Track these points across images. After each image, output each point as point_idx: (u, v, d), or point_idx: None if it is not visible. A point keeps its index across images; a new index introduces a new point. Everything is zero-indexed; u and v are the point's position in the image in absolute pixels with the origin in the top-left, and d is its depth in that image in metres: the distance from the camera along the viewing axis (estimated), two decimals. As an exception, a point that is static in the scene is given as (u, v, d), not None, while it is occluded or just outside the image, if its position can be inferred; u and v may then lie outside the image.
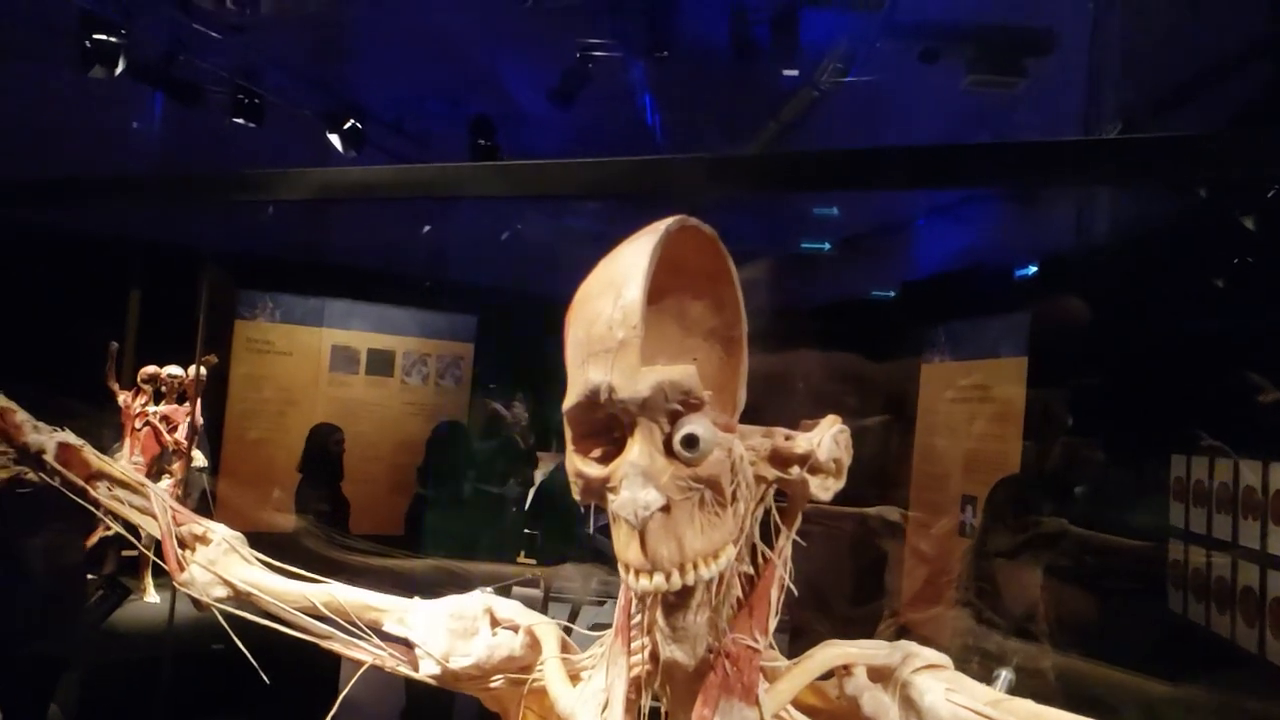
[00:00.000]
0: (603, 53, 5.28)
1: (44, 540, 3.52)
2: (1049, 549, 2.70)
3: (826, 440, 1.06)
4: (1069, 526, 2.74)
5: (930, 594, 3.00)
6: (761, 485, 1.06)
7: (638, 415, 0.94)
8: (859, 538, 2.69)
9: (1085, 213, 4.24)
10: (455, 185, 2.08)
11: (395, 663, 1.28)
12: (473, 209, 5.94)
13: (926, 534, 3.24)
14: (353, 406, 6.68)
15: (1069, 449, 3.26)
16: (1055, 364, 3.65)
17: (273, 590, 1.35)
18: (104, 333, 5.18)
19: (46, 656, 3.71)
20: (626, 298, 0.93)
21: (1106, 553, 2.66)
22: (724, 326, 1.12)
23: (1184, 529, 2.98)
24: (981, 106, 4.49)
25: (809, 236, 6.25)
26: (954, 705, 0.99)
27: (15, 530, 3.67)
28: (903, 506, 3.35)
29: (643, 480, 0.93)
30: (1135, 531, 2.93)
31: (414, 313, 6.98)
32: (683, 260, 1.08)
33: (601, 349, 0.94)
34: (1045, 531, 2.73)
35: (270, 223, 6.06)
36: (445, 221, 6.27)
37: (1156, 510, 3.03)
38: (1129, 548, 2.68)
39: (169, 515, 1.44)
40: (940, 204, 5.88)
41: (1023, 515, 2.86)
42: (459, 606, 1.27)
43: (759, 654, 1.04)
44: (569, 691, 1.12)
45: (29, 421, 1.58)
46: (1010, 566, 2.77)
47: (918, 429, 4.74)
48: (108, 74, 3.99)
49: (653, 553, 0.93)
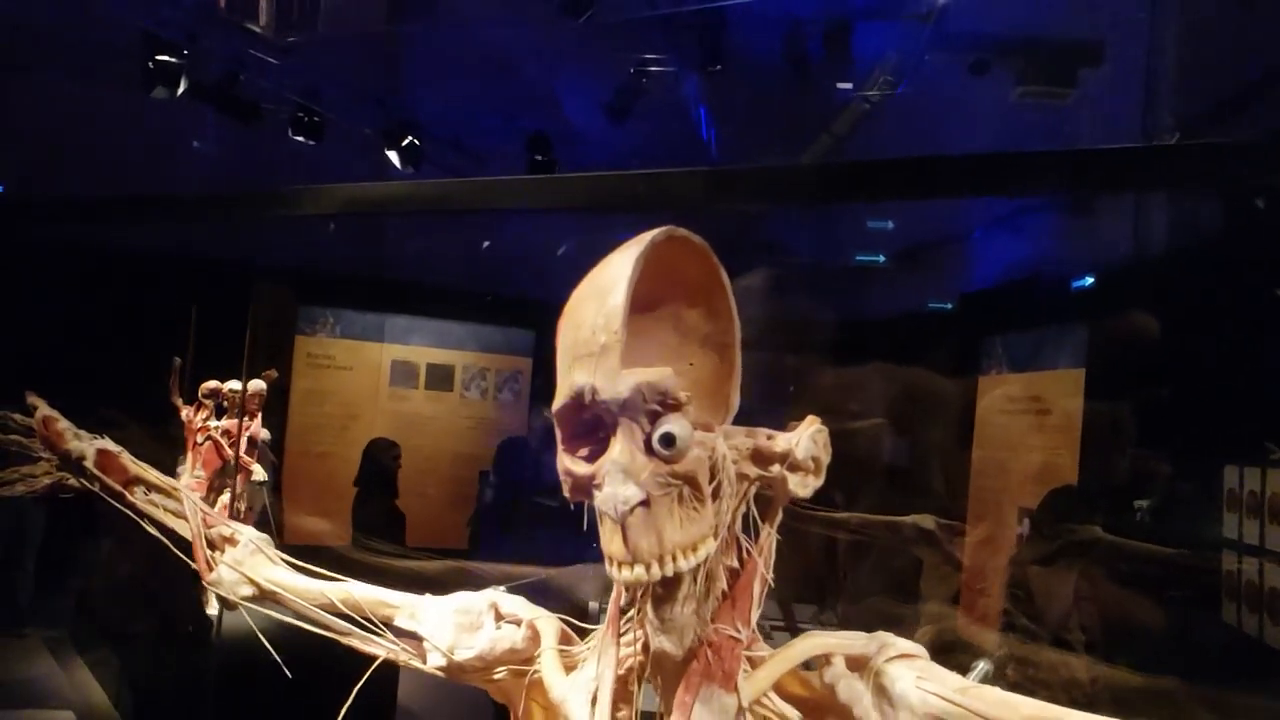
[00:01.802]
0: (657, 68, 5.32)
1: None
2: (1082, 556, 2.64)
3: (804, 440, 1.10)
4: (1101, 534, 2.68)
5: (968, 601, 2.96)
6: (744, 483, 1.10)
7: (619, 415, 0.99)
8: (894, 546, 2.67)
9: (1141, 223, 4.15)
10: (500, 198, 2.12)
11: (407, 657, 1.34)
12: (530, 223, 6.02)
13: (972, 544, 3.20)
14: (412, 421, 6.79)
15: (1136, 462, 3.19)
16: (1114, 376, 3.58)
17: (295, 589, 1.41)
18: (166, 349, 5.35)
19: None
20: (610, 304, 0.98)
21: (1141, 560, 2.59)
22: (718, 334, 1.17)
23: (1237, 540, 2.90)
24: (1033, 118, 4.42)
25: (864, 250, 6.21)
26: (923, 692, 1.02)
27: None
28: (960, 519, 3.30)
29: (623, 477, 0.98)
30: (1189, 543, 2.85)
31: (473, 327, 7.08)
32: (677, 270, 1.14)
33: (586, 353, 0.99)
34: (1078, 539, 2.68)
35: (330, 239, 6.22)
36: (503, 236, 6.36)
37: (1210, 521, 2.95)
38: (1164, 555, 2.60)
39: (199, 518, 1.49)
40: (997, 215, 5.79)
41: (1060, 523, 2.81)
42: (466, 602, 1.33)
43: (740, 643, 1.09)
44: (562, 680, 1.17)
45: (70, 429, 1.65)
46: (1044, 574, 2.72)
47: (975, 442, 4.67)
48: (170, 94, 4.14)
49: (634, 545, 0.98)
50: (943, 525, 2.73)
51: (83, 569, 6.00)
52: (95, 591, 5.82)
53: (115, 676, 5.15)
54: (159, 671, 4.78)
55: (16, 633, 5.62)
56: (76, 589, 5.91)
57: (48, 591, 5.89)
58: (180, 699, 4.17)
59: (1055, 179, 2.55)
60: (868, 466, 3.19)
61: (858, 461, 3.12)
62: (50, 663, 5.46)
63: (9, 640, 5.55)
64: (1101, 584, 2.60)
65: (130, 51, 4.06)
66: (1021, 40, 4.19)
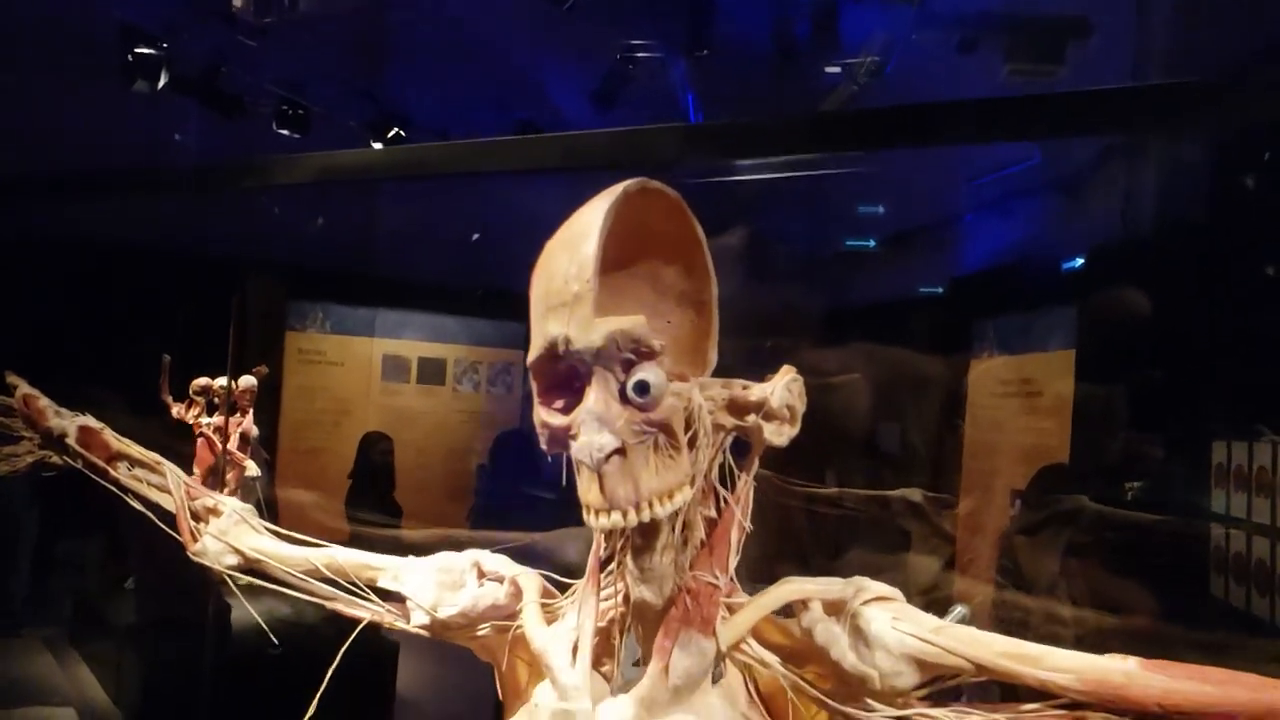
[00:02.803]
0: (644, 53, 5.30)
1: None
2: (1068, 525, 2.64)
3: (779, 389, 1.11)
4: (1087, 503, 2.68)
5: (959, 570, 2.97)
6: (720, 433, 1.11)
7: (593, 365, 1.00)
8: (882, 519, 2.68)
9: (1132, 204, 4.15)
10: (474, 161, 2.11)
11: (391, 618, 1.35)
12: (519, 216, 5.99)
13: (963, 520, 3.21)
14: (405, 415, 6.77)
15: (1128, 444, 3.20)
16: (1105, 356, 3.58)
17: (279, 556, 1.42)
18: (153, 344, 5.33)
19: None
20: (582, 253, 0.98)
21: (1127, 528, 2.59)
22: (694, 290, 1.18)
23: (1225, 513, 2.91)
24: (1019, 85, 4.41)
25: (854, 235, 6.19)
26: (899, 632, 1.04)
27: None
28: (952, 504, 3.31)
29: (598, 425, 0.98)
30: (1177, 516, 2.86)
31: (464, 321, 7.07)
32: (653, 227, 1.14)
33: (559, 302, 0.99)
34: (1064, 508, 2.68)
35: (319, 234, 6.20)
36: (493, 229, 6.34)
37: (1199, 498, 2.97)
38: (1151, 523, 2.61)
39: (183, 490, 1.49)
40: (987, 199, 5.79)
41: (1045, 494, 2.81)
42: (448, 561, 1.33)
43: (718, 590, 1.10)
44: (544, 631, 1.17)
45: (51, 407, 1.65)
46: (1030, 544, 2.73)
47: (967, 425, 4.68)
48: (150, 88, 4.10)
49: (610, 493, 0.99)
50: (930, 498, 2.74)
51: (79, 567, 6.00)
52: (94, 588, 5.82)
53: (114, 673, 5.15)
54: (158, 666, 4.77)
55: (13, 632, 5.61)
56: (73, 587, 5.91)
57: (43, 590, 5.88)
58: (179, 692, 4.16)
59: (1044, 125, 2.53)
60: (849, 430, 3.19)
61: (840, 425, 3.12)
62: (49, 660, 5.45)
63: (5, 640, 5.53)
64: (1088, 554, 2.61)
65: (109, 45, 4.02)
66: (1009, 17, 4.18)
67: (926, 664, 1.02)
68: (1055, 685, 0.96)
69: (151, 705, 4.69)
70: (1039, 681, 0.97)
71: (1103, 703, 0.95)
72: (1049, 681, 0.97)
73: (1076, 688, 0.95)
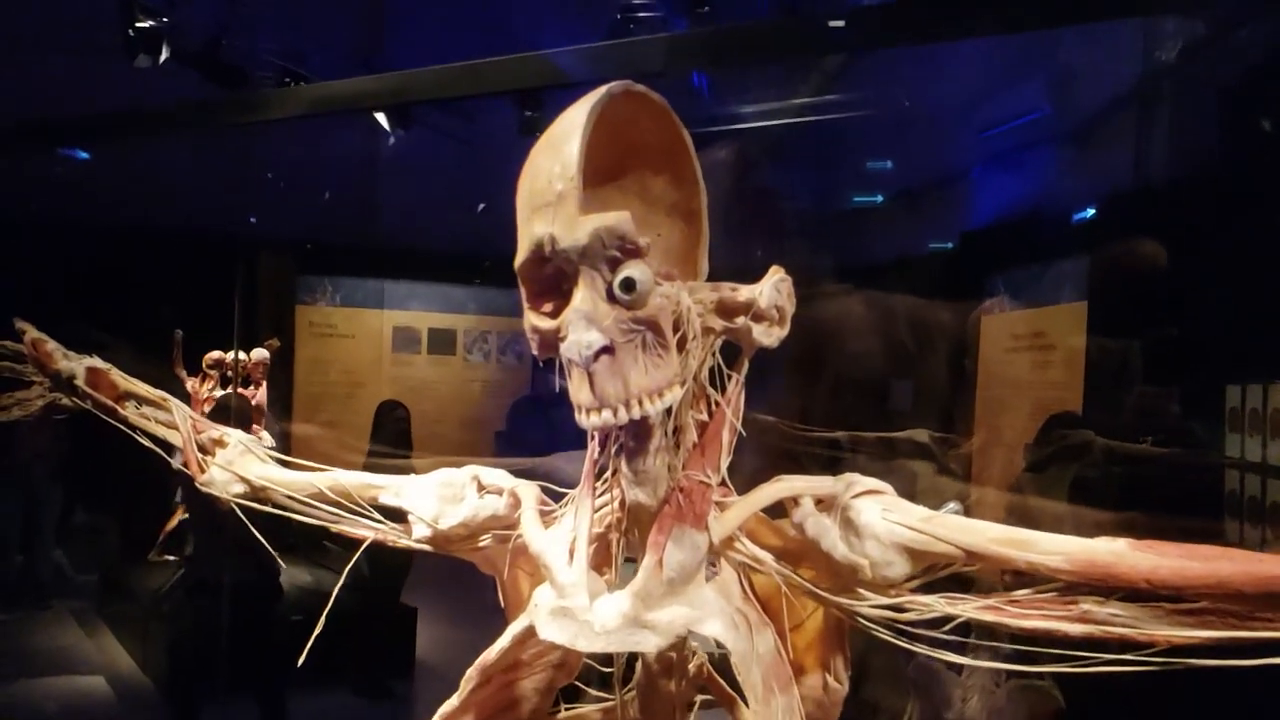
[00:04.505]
0: (644, 13, 5.26)
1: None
2: (1075, 461, 2.63)
3: (768, 289, 1.11)
4: (1095, 437, 2.67)
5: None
6: (710, 336, 1.11)
7: (579, 264, 0.99)
8: (890, 461, 2.67)
9: (1142, 153, 4.11)
10: (464, 85, 2.10)
11: (395, 536, 1.36)
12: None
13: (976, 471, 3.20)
14: (417, 386, 6.82)
15: (1142, 395, 3.18)
16: (1118, 306, 3.56)
17: (284, 482, 1.43)
18: (166, 321, 5.38)
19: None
20: (565, 152, 0.98)
21: (1136, 463, 2.58)
22: (684, 200, 1.17)
23: (1239, 457, 2.89)
24: (1023, 40, 4.35)
25: (862, 191, 6.15)
26: (889, 522, 1.04)
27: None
28: (959, 444, 3.29)
29: (586, 324, 0.98)
30: (1192, 460, 2.84)
31: (473, 290, 7.09)
32: (640, 137, 1.14)
33: (543, 203, 0.99)
34: (1071, 444, 2.67)
35: (327, 208, 6.22)
36: (498, 198, 6.32)
37: (1213, 441, 2.95)
38: (1159, 457, 2.60)
39: (189, 424, 1.52)
40: (995, 151, 5.74)
41: (1051, 430, 2.80)
42: (448, 476, 1.35)
43: (710, 488, 1.10)
44: (542, 534, 1.18)
45: (59, 350, 1.67)
46: (1037, 481, 2.72)
47: (979, 381, 4.66)
48: (152, 62, 4.10)
49: (600, 391, 0.99)
50: (937, 439, 2.73)
51: (104, 542, 6.09)
52: (120, 562, 5.91)
53: (141, 642, 5.24)
54: (185, 634, 4.85)
55: (41, 605, 5.71)
56: (99, 560, 6.00)
57: (70, 564, 5.97)
58: (202, 656, 4.23)
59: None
60: (847, 346, 3.17)
61: (836, 339, 3.10)
62: (77, 632, 5.56)
63: (34, 613, 5.64)
64: (1096, 489, 2.60)
65: (110, 18, 4.01)
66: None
67: (917, 553, 1.03)
68: (1045, 567, 0.97)
69: (178, 672, 4.77)
70: (1029, 564, 0.98)
71: (1092, 582, 0.95)
72: (1039, 564, 0.97)
73: (1066, 569, 0.96)
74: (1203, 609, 0.92)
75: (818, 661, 1.26)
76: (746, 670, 1.08)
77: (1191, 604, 0.93)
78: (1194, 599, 0.92)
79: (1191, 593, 0.91)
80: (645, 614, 1.06)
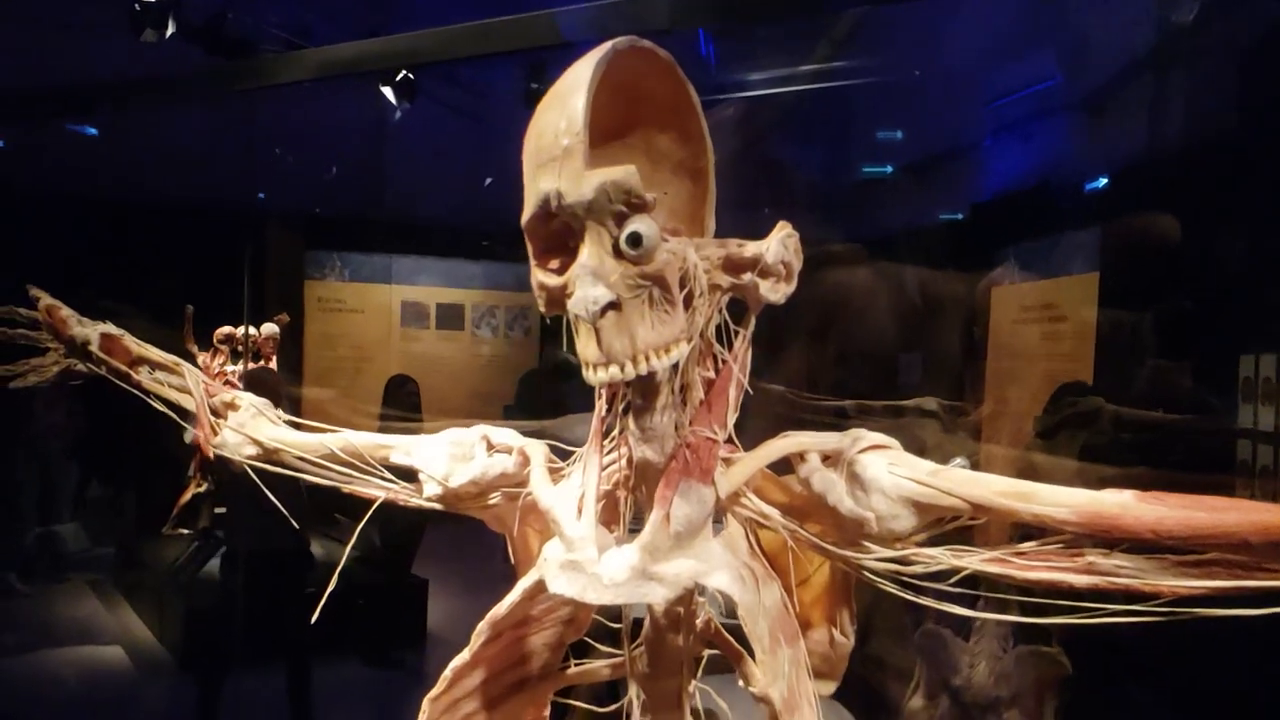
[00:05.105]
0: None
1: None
2: (1085, 427, 2.63)
3: (775, 244, 1.11)
4: (1105, 404, 2.66)
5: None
6: (716, 292, 1.11)
7: (586, 219, 0.99)
8: (898, 428, 2.66)
9: (1154, 122, 4.07)
10: (462, 46, 2.09)
11: (406, 494, 1.36)
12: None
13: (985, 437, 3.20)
14: (426, 360, 6.83)
15: (1153, 368, 3.16)
16: (1130, 278, 3.53)
17: (296, 443, 1.44)
18: (176, 297, 5.40)
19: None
20: (571, 106, 0.97)
21: (1146, 429, 2.57)
22: (690, 158, 1.16)
23: (1253, 427, 2.88)
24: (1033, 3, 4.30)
25: (872, 162, 6.10)
26: (895, 476, 1.05)
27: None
28: (968, 411, 3.29)
29: (593, 279, 0.98)
30: (1204, 430, 2.83)
31: (481, 265, 7.10)
32: (646, 93, 1.12)
33: (549, 158, 0.99)
34: (1081, 410, 2.66)
35: (335, 184, 6.21)
36: (505, 172, 6.30)
37: (1226, 411, 2.93)
38: (1168, 422, 2.59)
39: (202, 388, 1.53)
40: (1007, 121, 5.69)
41: (1061, 399, 2.79)
42: (458, 435, 1.35)
43: (717, 444, 1.11)
44: (550, 489, 1.19)
45: (73, 316, 1.69)
46: (1047, 448, 2.71)
47: (989, 352, 4.65)
48: (159, 36, 4.08)
49: (607, 347, 0.99)
50: (946, 406, 2.73)
51: (120, 514, 6.16)
52: (136, 534, 5.97)
53: (158, 613, 5.31)
54: (205, 605, 4.91)
55: (58, 577, 5.78)
56: (116, 532, 6.07)
57: (87, 536, 6.04)
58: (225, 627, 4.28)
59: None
60: (854, 304, 3.17)
61: (844, 297, 3.10)
62: (95, 603, 5.63)
63: (52, 585, 5.71)
64: (1106, 455, 2.59)
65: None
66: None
67: (923, 506, 1.03)
68: (1051, 519, 0.97)
69: (199, 643, 4.83)
70: (1035, 516, 0.98)
71: (1098, 534, 0.96)
72: (1045, 515, 0.97)
73: (1073, 520, 0.96)
74: (1208, 560, 0.93)
75: (824, 616, 1.28)
76: (753, 622, 1.09)
77: (1197, 555, 0.93)
78: (1200, 550, 0.92)
79: (1197, 543, 0.92)
80: (653, 566, 1.06)
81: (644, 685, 1.28)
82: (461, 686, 1.29)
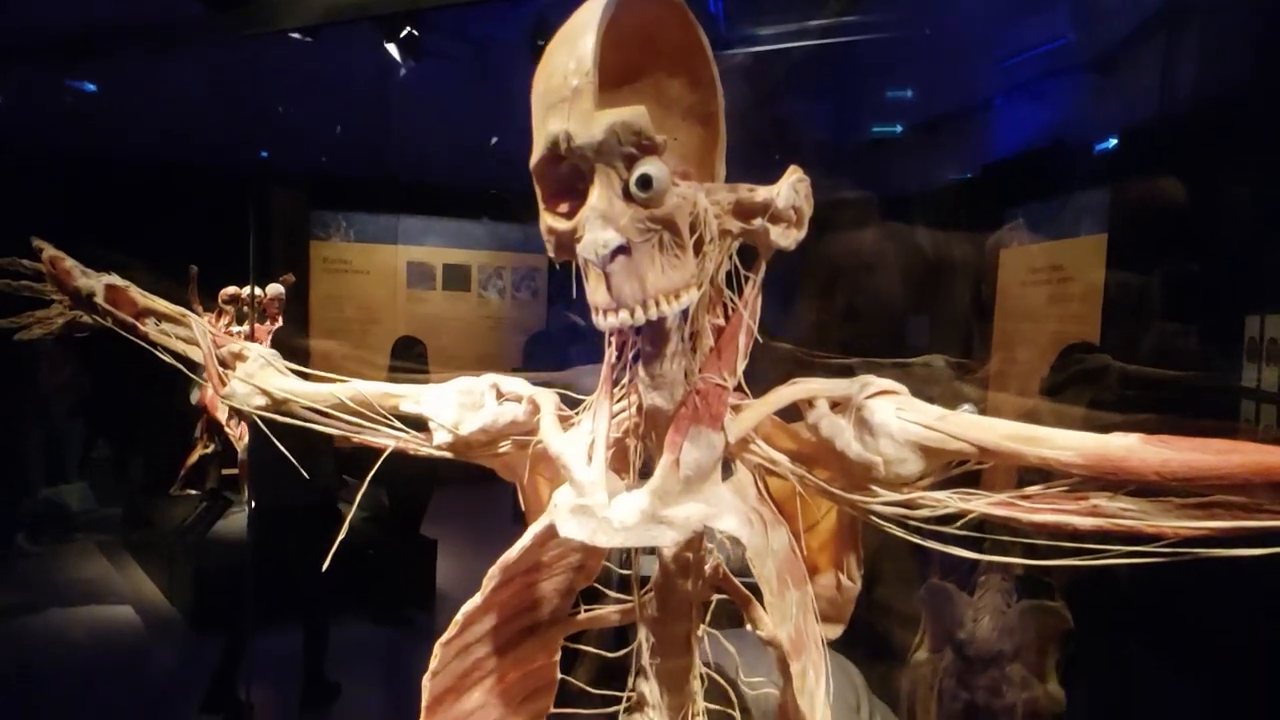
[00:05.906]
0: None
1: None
2: (1092, 384, 2.63)
3: (785, 189, 1.10)
4: (1111, 360, 2.66)
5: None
6: (727, 238, 1.10)
7: (595, 161, 0.98)
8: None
9: (1169, 80, 4.02)
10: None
11: (416, 443, 1.37)
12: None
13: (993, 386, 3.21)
14: (432, 321, 6.82)
15: (1161, 330, 3.16)
16: (1138, 240, 3.52)
17: (305, 394, 1.44)
18: (179, 258, 5.38)
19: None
20: (580, 47, 0.96)
21: (1152, 386, 2.57)
22: (701, 103, 1.15)
23: (1256, 388, 2.88)
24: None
25: (881, 121, 6.05)
26: (903, 421, 1.06)
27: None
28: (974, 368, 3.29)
29: (602, 223, 0.98)
30: (1210, 390, 2.83)
31: (487, 226, 7.06)
32: (656, 37, 1.11)
33: (559, 99, 0.98)
34: (1087, 367, 2.66)
35: (340, 143, 6.17)
36: (511, 132, 6.25)
37: (1231, 372, 2.93)
38: (1174, 379, 2.59)
39: (209, 339, 1.53)
40: (1018, 81, 5.63)
41: (1068, 357, 2.78)
42: (467, 384, 1.36)
43: (726, 390, 1.11)
44: (560, 436, 1.20)
45: (78, 267, 1.69)
46: (1053, 405, 2.72)
47: (997, 312, 4.64)
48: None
49: (617, 291, 0.99)
50: (952, 363, 2.73)
51: (126, 473, 6.20)
52: (144, 493, 6.02)
53: (167, 573, 5.36)
54: (206, 562, 4.96)
55: (66, 538, 5.83)
56: (124, 492, 6.11)
57: (95, 496, 6.09)
58: (228, 586, 4.31)
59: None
60: (863, 254, 3.15)
61: (857, 272, 3.09)
62: (104, 564, 5.68)
63: (60, 545, 5.76)
64: (1113, 412, 2.59)
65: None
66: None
67: (931, 450, 1.04)
68: (1057, 462, 0.98)
69: (203, 599, 4.89)
70: (1041, 459, 0.99)
71: (1103, 476, 0.96)
72: (1051, 458, 0.98)
73: (1078, 463, 0.97)
74: (1212, 502, 0.93)
75: (831, 561, 1.29)
76: (761, 564, 1.10)
77: (1201, 497, 0.94)
78: (1204, 492, 0.93)
79: (1201, 485, 0.92)
80: (662, 510, 1.07)
81: (653, 630, 1.30)
82: (473, 631, 1.30)
